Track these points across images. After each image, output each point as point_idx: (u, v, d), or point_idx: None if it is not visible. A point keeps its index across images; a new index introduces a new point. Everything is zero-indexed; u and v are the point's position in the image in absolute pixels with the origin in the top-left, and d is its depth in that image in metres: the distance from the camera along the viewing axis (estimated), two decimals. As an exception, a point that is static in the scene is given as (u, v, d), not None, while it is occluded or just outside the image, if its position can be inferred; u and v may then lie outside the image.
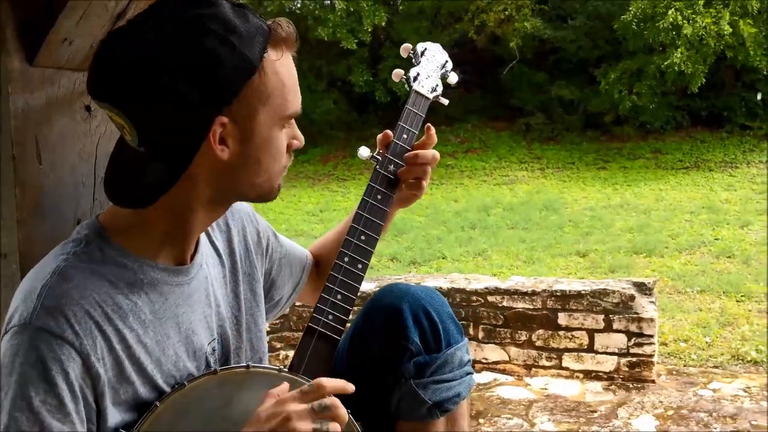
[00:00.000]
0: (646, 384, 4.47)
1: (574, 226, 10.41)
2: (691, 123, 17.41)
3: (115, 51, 1.05)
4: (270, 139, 1.13)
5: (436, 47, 1.53)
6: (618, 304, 4.59)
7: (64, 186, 1.20)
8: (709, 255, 8.32)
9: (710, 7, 15.42)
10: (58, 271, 1.05)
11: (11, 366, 0.99)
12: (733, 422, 3.83)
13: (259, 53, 1.08)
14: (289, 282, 1.50)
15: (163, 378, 1.12)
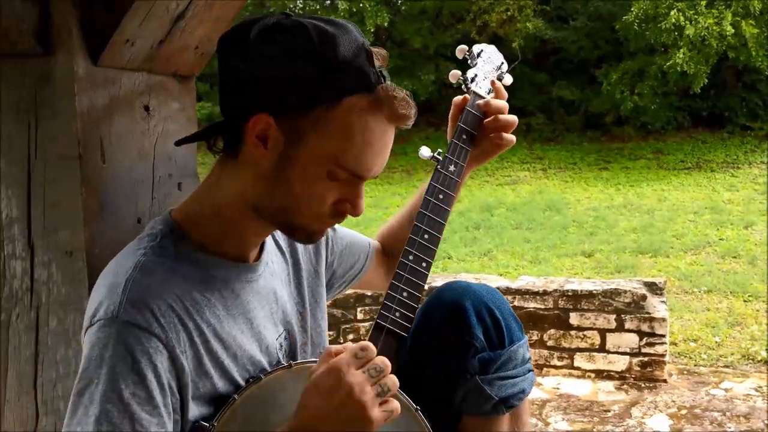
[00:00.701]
0: (658, 383, 4.49)
1: (578, 227, 10.42)
2: (692, 123, 17.43)
3: (244, 24, 1.09)
4: (310, 176, 1.09)
5: (492, 49, 1.55)
6: (629, 304, 4.61)
7: (124, 185, 1.21)
8: (714, 255, 8.34)
9: (712, 8, 15.44)
10: (139, 266, 1.06)
11: (100, 359, 0.99)
12: (747, 421, 3.85)
13: (342, 92, 1.06)
14: (351, 270, 1.52)
15: (238, 372, 1.14)
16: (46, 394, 1.20)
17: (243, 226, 1.16)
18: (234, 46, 1.08)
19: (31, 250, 1.18)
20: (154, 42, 1.19)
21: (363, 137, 1.07)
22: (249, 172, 1.11)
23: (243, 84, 1.07)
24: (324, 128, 1.06)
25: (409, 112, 1.10)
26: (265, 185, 1.10)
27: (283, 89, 1.05)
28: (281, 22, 1.07)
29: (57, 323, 1.18)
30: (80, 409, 0.98)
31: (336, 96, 1.05)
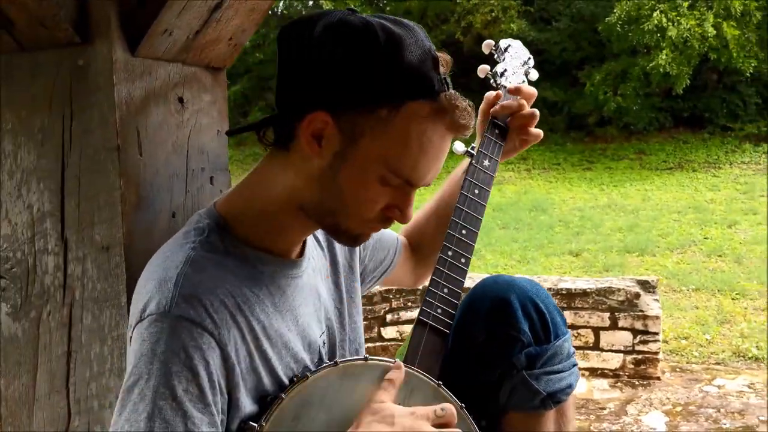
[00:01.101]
0: (652, 381, 4.52)
1: (564, 226, 10.48)
2: (674, 124, 17.62)
3: (307, 18, 1.07)
4: (363, 178, 1.07)
5: (518, 44, 1.55)
6: (623, 302, 4.64)
7: (160, 178, 1.19)
8: (700, 254, 8.43)
9: (694, 10, 15.62)
10: (190, 260, 1.04)
11: (152, 354, 0.97)
12: (742, 418, 3.88)
13: (405, 95, 1.04)
14: (380, 266, 1.50)
15: (283, 370, 1.12)
16: (79, 393, 1.17)
17: (289, 223, 1.14)
18: (297, 40, 1.06)
19: (65, 245, 1.15)
20: (190, 32, 1.16)
21: (420, 145, 1.05)
22: (299, 169, 1.09)
23: (303, 79, 1.05)
24: (382, 132, 1.04)
25: (469, 123, 1.08)
26: (314, 185, 1.08)
27: (346, 87, 1.03)
28: (347, 19, 1.05)
29: (92, 320, 1.15)
30: (129, 406, 0.96)
31: (398, 99, 1.03)
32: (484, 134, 1.43)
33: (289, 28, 1.10)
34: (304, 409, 1.09)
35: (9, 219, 1.18)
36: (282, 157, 1.11)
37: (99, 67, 1.09)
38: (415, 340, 1.24)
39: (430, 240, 1.54)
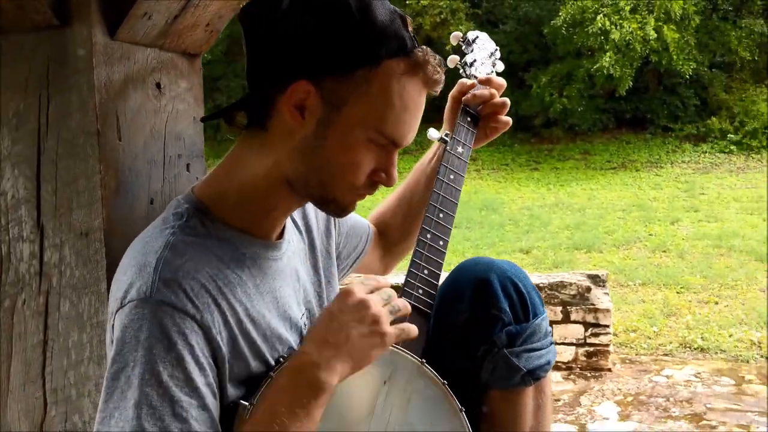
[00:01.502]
0: (604, 372, 4.63)
1: (514, 225, 10.66)
2: (617, 125, 18.06)
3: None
4: (349, 143, 1.08)
5: (485, 36, 1.58)
6: (575, 296, 4.73)
7: (139, 164, 1.17)
8: (645, 250, 8.68)
9: (636, 13, 16.05)
10: (169, 245, 1.03)
11: (135, 341, 0.96)
12: (690, 406, 4.01)
13: (382, 54, 1.05)
14: (354, 252, 1.51)
15: (269, 351, 1.11)
16: (56, 382, 1.15)
17: (271, 202, 1.14)
18: (267, 15, 1.06)
19: (41, 232, 1.12)
20: (169, 17, 1.15)
21: (401, 101, 1.07)
22: (282, 145, 1.09)
23: (280, 52, 1.05)
24: (364, 92, 1.05)
25: (441, 78, 1.11)
26: (301, 157, 1.09)
27: (324, 54, 1.04)
28: None
29: (70, 307, 1.13)
30: (116, 393, 0.95)
31: (376, 60, 1.05)
32: (457, 122, 1.45)
33: (253, 5, 1.10)
34: None
35: (-20, 207, 1.15)
36: (259, 137, 1.11)
37: (78, 50, 1.07)
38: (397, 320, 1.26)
39: (399, 227, 1.56)
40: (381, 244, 1.59)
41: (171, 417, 0.95)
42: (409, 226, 1.52)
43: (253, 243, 1.14)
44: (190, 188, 1.14)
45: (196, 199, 1.12)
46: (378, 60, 1.05)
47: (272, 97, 1.07)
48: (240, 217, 1.13)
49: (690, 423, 3.76)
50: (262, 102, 1.08)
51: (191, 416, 0.96)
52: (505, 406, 1.34)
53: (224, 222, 1.11)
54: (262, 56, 1.08)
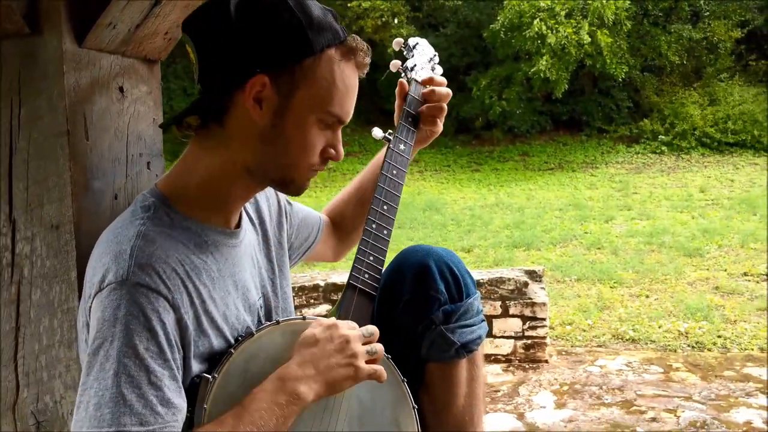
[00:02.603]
0: (541, 364, 4.79)
1: (456, 224, 10.86)
2: (554, 127, 18.50)
3: (214, 2, 1.18)
4: (303, 126, 1.21)
5: (425, 42, 1.71)
6: (513, 291, 4.89)
7: (104, 162, 1.26)
8: (580, 247, 8.96)
9: (571, 18, 16.48)
10: (141, 234, 1.13)
11: (114, 318, 1.06)
12: (621, 393, 4.20)
13: (323, 44, 1.19)
14: (305, 242, 1.63)
15: (229, 330, 1.22)
16: (28, 366, 1.23)
17: (231, 192, 1.25)
18: (216, 20, 1.17)
19: (12, 225, 1.20)
20: (131, 26, 1.24)
21: (343, 83, 1.22)
22: (241, 137, 1.21)
23: (233, 53, 1.16)
24: (311, 79, 1.19)
25: (368, 60, 1.27)
26: (261, 145, 1.21)
27: (275, 50, 1.16)
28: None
29: (41, 295, 1.21)
30: (96, 366, 1.05)
31: (318, 48, 1.19)
32: (400, 122, 1.58)
33: (197, 16, 1.21)
34: (251, 362, 1.21)
35: (-48, 203, 1.22)
36: (216, 133, 1.22)
37: (49, 57, 1.15)
38: (346, 302, 1.38)
39: (351, 218, 1.70)
40: (334, 233, 1.71)
41: (147, 385, 1.05)
42: (360, 217, 1.66)
43: (214, 231, 1.25)
44: (154, 183, 1.24)
45: (161, 193, 1.22)
46: (320, 49, 1.19)
47: (229, 94, 1.18)
48: (200, 208, 1.24)
49: (621, 409, 3.92)
50: (220, 100, 1.19)
51: (164, 384, 1.07)
52: (442, 377, 1.48)
53: (186, 213, 1.22)
54: (216, 59, 1.18)
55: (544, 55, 16.17)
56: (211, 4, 1.20)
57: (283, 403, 1.12)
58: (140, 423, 1.03)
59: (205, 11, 1.20)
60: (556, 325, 5.80)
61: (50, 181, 1.18)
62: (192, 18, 1.21)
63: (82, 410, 1.03)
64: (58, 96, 1.15)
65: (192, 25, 1.21)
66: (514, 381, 4.52)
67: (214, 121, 1.22)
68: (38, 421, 1.23)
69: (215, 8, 1.18)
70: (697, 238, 8.90)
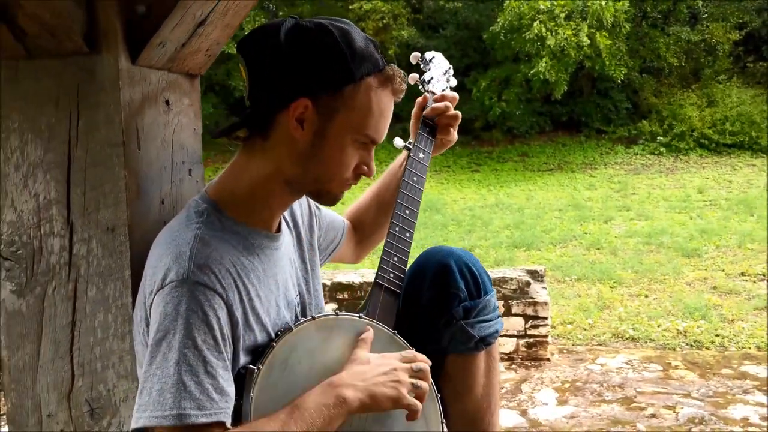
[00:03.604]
0: (543, 362, 4.89)
1: (457, 225, 10.96)
2: (553, 128, 18.61)
3: (268, 26, 1.29)
4: (340, 145, 1.32)
5: (440, 56, 1.83)
6: (515, 290, 4.99)
7: (153, 170, 1.36)
8: (580, 247, 9.07)
9: (570, 20, 16.59)
10: (198, 238, 1.24)
11: (175, 313, 1.17)
12: (622, 390, 4.29)
13: (363, 73, 1.30)
14: (331, 244, 1.75)
15: (271, 325, 1.34)
16: (83, 357, 1.33)
17: (273, 199, 1.37)
18: (267, 46, 1.28)
19: (70, 228, 1.31)
20: (178, 44, 1.35)
21: (379, 108, 1.33)
22: (283, 151, 1.32)
23: (280, 76, 1.28)
24: (350, 104, 1.31)
25: (405, 86, 1.38)
26: (300, 160, 1.32)
27: (318, 76, 1.28)
28: (302, 24, 1.30)
29: (96, 292, 1.32)
30: (159, 356, 1.16)
31: (358, 77, 1.30)
32: (418, 131, 1.70)
33: (251, 40, 1.32)
34: (291, 354, 1.32)
35: (14, 207, 1.32)
36: (261, 146, 1.34)
37: (106, 74, 1.25)
38: (373, 299, 1.50)
39: (370, 222, 1.81)
40: (355, 236, 1.83)
41: (204, 374, 1.16)
42: (380, 220, 1.78)
43: (259, 235, 1.36)
44: (204, 190, 1.35)
45: (211, 200, 1.34)
46: (360, 78, 1.30)
47: (274, 113, 1.29)
48: (247, 214, 1.35)
49: (622, 405, 4.02)
50: (265, 117, 1.30)
51: (218, 374, 1.18)
52: (462, 368, 1.61)
53: (234, 218, 1.34)
54: (264, 80, 1.30)
55: (544, 57, 16.29)
56: (264, 29, 1.31)
57: (330, 405, 1.22)
58: (198, 407, 1.14)
59: (259, 36, 1.31)
60: (557, 324, 5.90)
61: (106, 188, 1.28)
62: (247, 41, 1.32)
63: (145, 395, 1.14)
64: (114, 109, 1.26)
65: (246, 48, 1.32)
66: (517, 378, 4.61)
67: (259, 135, 1.33)
68: (92, 408, 1.34)
69: (268, 34, 1.29)
70: (695, 239, 9.01)
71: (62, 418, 1.36)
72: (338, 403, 1.23)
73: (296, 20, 1.31)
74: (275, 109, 1.29)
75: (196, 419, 1.14)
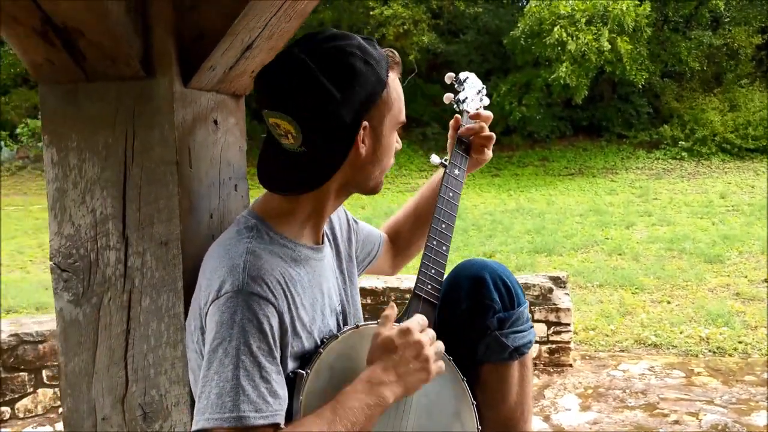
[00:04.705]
0: (565, 368, 4.92)
1: (477, 230, 10.99)
2: (574, 132, 18.60)
3: (287, 75, 1.33)
4: (389, 140, 1.45)
5: (473, 76, 1.90)
6: (538, 297, 5.02)
7: (203, 186, 1.43)
8: (602, 253, 9.06)
9: (591, 25, 16.58)
10: (250, 251, 1.32)
11: (231, 321, 1.24)
12: (645, 396, 4.32)
13: (386, 72, 1.41)
14: (368, 257, 1.82)
15: (317, 333, 1.41)
16: (137, 364, 1.41)
17: (316, 212, 1.45)
18: (311, 95, 1.33)
19: (125, 241, 1.38)
20: (227, 68, 1.43)
21: (398, 95, 1.46)
22: (347, 168, 1.41)
23: (339, 118, 1.35)
24: (389, 104, 1.43)
25: (399, 60, 1.49)
26: (364, 167, 1.44)
27: (365, 97, 1.37)
28: (327, 53, 1.35)
29: (150, 302, 1.39)
30: (216, 361, 1.23)
31: (386, 79, 1.41)
32: (454, 149, 1.77)
33: (294, 94, 1.33)
34: (337, 360, 1.40)
35: (72, 221, 1.40)
36: None
37: (161, 96, 1.33)
38: (412, 308, 1.56)
39: (407, 236, 1.88)
40: (392, 249, 1.90)
41: (260, 378, 1.23)
42: (416, 234, 1.85)
43: (304, 247, 1.44)
44: (251, 207, 1.43)
45: (259, 216, 1.42)
46: (386, 79, 1.41)
47: (348, 151, 1.39)
48: (290, 228, 1.43)
49: (645, 412, 4.05)
50: (338, 156, 1.38)
51: (272, 378, 1.25)
52: (496, 377, 1.67)
53: (282, 232, 1.41)
54: (323, 124, 1.35)
55: (564, 62, 16.30)
56: (291, 78, 1.34)
57: (372, 404, 1.30)
58: (255, 410, 1.21)
59: (300, 89, 1.33)
60: (579, 330, 5.92)
61: (160, 204, 1.36)
62: (287, 98, 1.34)
63: (204, 399, 1.22)
64: (168, 130, 1.33)
65: (288, 104, 1.34)
66: (540, 384, 4.64)
67: (330, 166, 1.40)
68: (145, 412, 1.41)
69: (309, 84, 1.33)
70: (718, 245, 8.97)
71: (116, 422, 1.43)
72: (379, 402, 1.31)
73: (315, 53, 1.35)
74: (347, 147, 1.38)
75: (254, 421, 1.21)
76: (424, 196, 1.89)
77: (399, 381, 1.35)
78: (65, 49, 1.30)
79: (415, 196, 1.93)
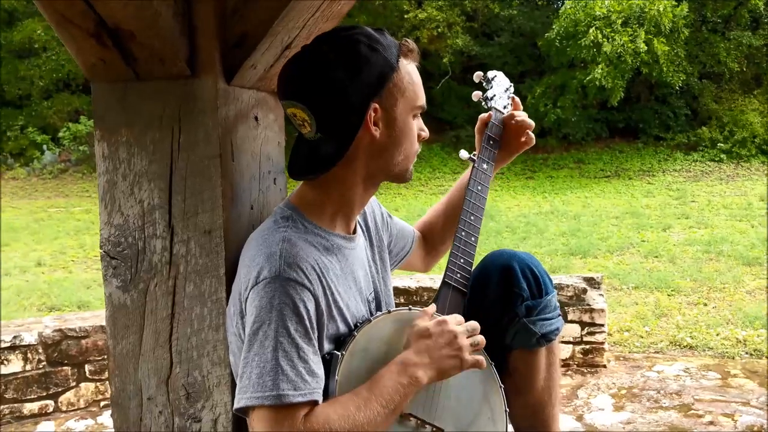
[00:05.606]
0: (599, 369, 4.90)
1: (511, 232, 10.97)
2: (610, 134, 18.43)
3: (299, 66, 1.43)
4: (406, 124, 1.50)
5: (501, 74, 1.96)
6: (572, 297, 5.02)
7: (244, 179, 1.52)
8: (638, 255, 8.99)
9: (627, 27, 16.45)
10: (286, 239, 1.40)
11: (270, 306, 1.32)
12: (679, 398, 4.29)
13: (396, 58, 1.47)
14: (401, 251, 1.89)
15: (350, 317, 1.48)
16: (181, 347, 1.49)
17: (349, 202, 1.52)
18: (325, 81, 1.42)
19: (171, 230, 1.47)
20: (266, 66, 1.51)
21: (414, 79, 1.51)
22: (363, 155, 1.48)
23: (347, 101, 1.42)
24: (401, 87, 1.48)
25: (414, 47, 1.55)
26: (382, 153, 1.49)
27: (374, 80, 1.44)
28: (336, 43, 1.44)
29: (194, 288, 1.47)
30: (256, 343, 1.31)
31: (396, 62, 1.47)
32: (482, 144, 1.82)
33: (305, 84, 1.43)
34: (370, 343, 1.47)
35: (122, 212, 1.49)
36: None
37: (205, 95, 1.41)
38: (442, 297, 1.63)
39: (440, 233, 1.96)
40: (424, 246, 1.97)
41: (297, 359, 1.30)
42: (448, 231, 1.93)
43: (337, 237, 1.52)
44: (288, 198, 1.51)
45: (295, 206, 1.50)
46: (397, 62, 1.47)
47: (355, 133, 1.45)
48: (326, 218, 1.51)
49: (679, 413, 4.02)
50: (349, 138, 1.45)
51: (309, 359, 1.32)
52: (524, 363, 1.73)
53: (316, 222, 1.49)
54: (333, 110, 1.43)
55: (600, 64, 16.18)
56: (303, 68, 1.44)
57: (405, 384, 1.38)
58: (294, 388, 1.28)
59: (309, 76, 1.43)
60: (613, 332, 5.90)
61: (204, 195, 1.44)
62: (298, 86, 1.44)
63: (245, 379, 1.29)
64: (213, 126, 1.42)
65: (300, 92, 1.44)
66: (573, 384, 4.65)
67: (339, 147, 1.47)
68: (188, 392, 1.50)
69: (317, 70, 1.42)
70: (756, 247, 8.84)
71: (161, 401, 1.52)
72: (412, 382, 1.39)
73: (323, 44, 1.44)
74: (355, 129, 1.44)
75: (293, 398, 1.28)
76: (454, 194, 1.97)
77: (432, 364, 1.42)
78: (117, 49, 1.39)
79: (446, 195, 2.01)
